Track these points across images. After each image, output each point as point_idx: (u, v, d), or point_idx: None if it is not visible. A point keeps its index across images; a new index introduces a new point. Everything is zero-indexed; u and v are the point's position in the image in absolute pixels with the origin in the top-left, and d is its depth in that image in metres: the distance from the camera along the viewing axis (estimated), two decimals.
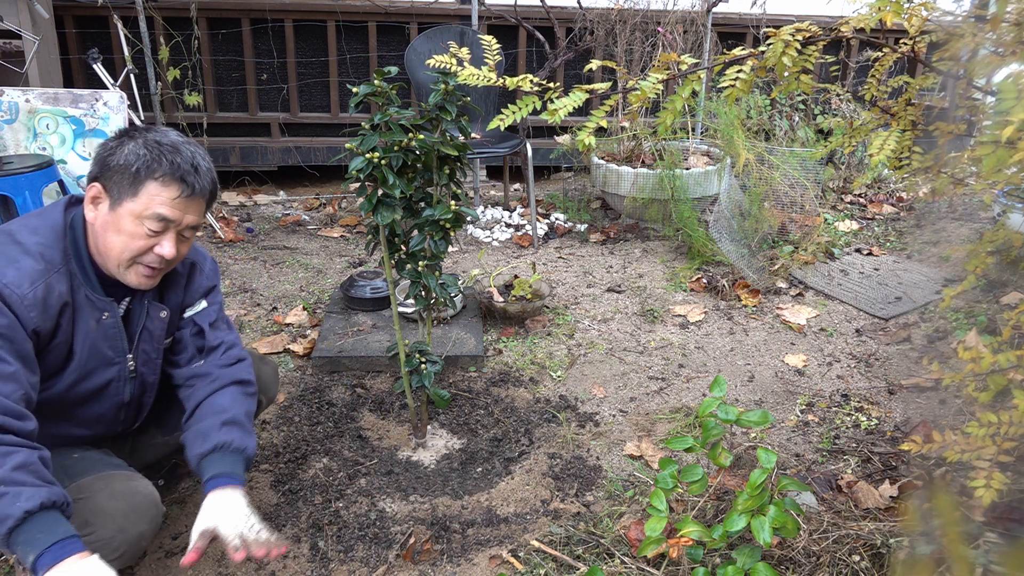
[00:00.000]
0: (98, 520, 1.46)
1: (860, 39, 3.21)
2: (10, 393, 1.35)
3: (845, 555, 1.70)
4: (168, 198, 1.46)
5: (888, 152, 1.53)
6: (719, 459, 1.72)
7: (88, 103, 3.30)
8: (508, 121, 1.54)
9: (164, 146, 1.47)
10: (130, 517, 1.49)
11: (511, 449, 2.21)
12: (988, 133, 1.25)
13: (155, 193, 1.46)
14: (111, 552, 1.45)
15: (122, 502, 1.50)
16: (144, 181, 1.45)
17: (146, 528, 1.52)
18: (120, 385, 1.63)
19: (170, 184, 1.46)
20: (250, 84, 4.50)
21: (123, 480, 1.55)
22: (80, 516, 1.45)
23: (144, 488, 1.56)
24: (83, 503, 1.47)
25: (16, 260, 1.43)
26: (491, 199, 4.62)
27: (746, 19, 4.77)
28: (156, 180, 1.45)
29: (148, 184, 1.45)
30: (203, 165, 1.52)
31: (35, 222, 1.51)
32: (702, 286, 3.31)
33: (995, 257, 1.93)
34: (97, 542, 1.44)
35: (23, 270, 1.42)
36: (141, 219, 1.46)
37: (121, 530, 1.47)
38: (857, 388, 2.58)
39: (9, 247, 1.45)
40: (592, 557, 1.79)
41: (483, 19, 4.47)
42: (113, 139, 1.50)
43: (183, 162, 1.47)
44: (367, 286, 2.92)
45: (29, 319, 1.41)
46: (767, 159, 3.70)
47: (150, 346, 1.66)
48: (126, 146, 1.47)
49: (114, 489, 1.52)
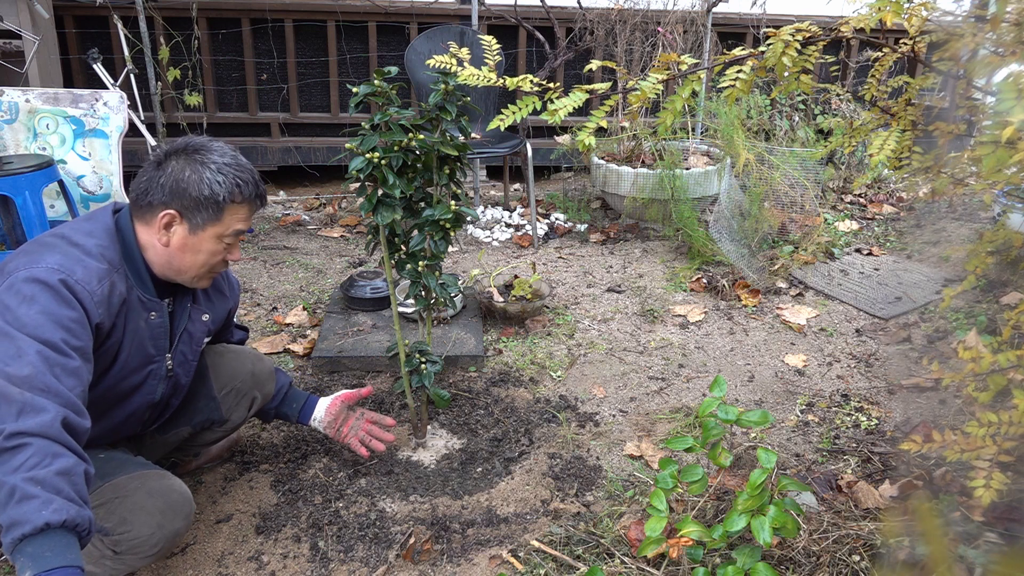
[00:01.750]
0: (136, 518, 1.51)
1: (860, 39, 3.21)
2: (72, 387, 1.34)
3: (845, 555, 1.71)
4: (245, 215, 1.60)
5: (888, 152, 1.53)
6: (719, 459, 1.72)
7: (88, 103, 3.30)
8: (508, 121, 1.54)
9: (233, 168, 1.56)
10: (167, 514, 1.54)
11: (511, 449, 2.21)
12: (988, 133, 1.25)
13: (235, 213, 1.58)
14: (149, 548, 1.51)
15: (160, 500, 1.55)
16: (226, 206, 1.55)
17: (181, 525, 1.57)
18: (155, 384, 1.66)
19: (248, 203, 1.59)
20: (250, 84, 4.50)
21: (157, 479, 1.60)
22: (118, 514, 1.50)
23: (179, 486, 1.61)
24: (120, 502, 1.52)
25: (82, 260, 1.47)
26: (491, 199, 4.62)
27: (746, 19, 4.77)
28: (237, 203, 1.57)
29: (230, 207, 1.56)
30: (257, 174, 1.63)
31: (88, 226, 1.55)
32: (702, 286, 3.31)
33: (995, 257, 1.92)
34: (136, 539, 1.50)
35: (90, 268, 1.46)
36: (222, 238, 1.58)
37: (160, 527, 1.52)
38: (857, 388, 2.58)
39: (70, 249, 1.48)
40: (592, 557, 1.79)
41: (483, 19, 4.47)
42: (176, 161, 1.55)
43: (251, 178, 1.59)
44: (367, 286, 2.92)
45: (96, 314, 1.45)
46: (767, 159, 3.71)
47: (188, 348, 1.73)
48: (202, 175, 1.53)
49: (151, 487, 1.56)
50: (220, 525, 1.90)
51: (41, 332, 1.33)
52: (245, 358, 1.95)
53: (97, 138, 3.31)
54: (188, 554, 1.81)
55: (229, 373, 1.91)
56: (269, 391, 1.99)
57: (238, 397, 1.92)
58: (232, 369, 1.92)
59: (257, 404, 1.97)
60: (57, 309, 1.37)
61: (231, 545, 1.84)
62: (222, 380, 1.90)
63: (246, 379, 1.93)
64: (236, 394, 1.92)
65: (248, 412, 1.96)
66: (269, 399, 2.00)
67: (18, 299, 1.36)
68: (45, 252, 1.45)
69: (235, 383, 1.91)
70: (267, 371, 1.99)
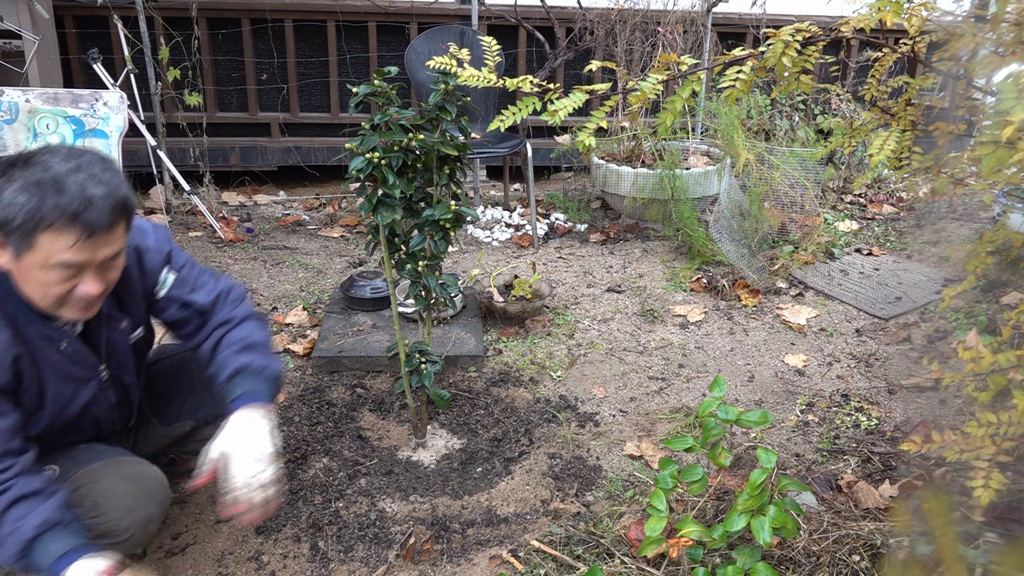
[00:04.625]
0: (108, 502, 1.47)
1: (860, 39, 3.21)
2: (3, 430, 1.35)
3: (845, 555, 1.71)
4: (66, 246, 1.28)
5: (888, 152, 1.53)
6: (719, 459, 1.72)
7: (88, 103, 3.30)
8: (508, 122, 1.54)
9: (45, 185, 1.26)
10: (140, 499, 1.50)
11: (511, 449, 2.21)
12: (988, 133, 1.25)
13: (51, 242, 1.27)
14: (120, 534, 1.46)
15: (132, 484, 1.51)
16: (34, 234, 1.26)
17: (155, 511, 1.52)
18: (102, 394, 1.61)
19: (64, 231, 1.27)
20: (250, 84, 4.49)
21: (132, 464, 1.57)
22: (90, 499, 1.46)
23: (153, 472, 1.57)
24: (92, 486, 1.48)
25: None
26: (491, 199, 4.62)
27: (746, 19, 4.77)
28: (47, 231, 1.26)
29: (40, 237, 1.27)
30: (97, 193, 1.29)
31: None
32: (702, 286, 3.31)
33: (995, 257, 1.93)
34: (107, 523, 1.45)
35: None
36: (47, 268, 1.30)
37: (131, 511, 1.48)
38: (857, 388, 2.58)
39: None
40: (592, 557, 1.79)
41: (483, 19, 4.47)
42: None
43: (71, 201, 1.26)
44: (367, 286, 2.92)
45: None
46: (767, 159, 3.70)
47: (119, 354, 1.62)
48: (4, 191, 1.27)
49: (124, 472, 1.53)
50: (220, 525, 1.90)
51: None
52: None
53: (97, 138, 3.31)
54: (188, 554, 1.81)
55: None
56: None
57: None
58: None
59: None
60: None
61: (231, 545, 1.84)
62: None
63: None
64: None
65: None
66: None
67: None
68: None
69: None
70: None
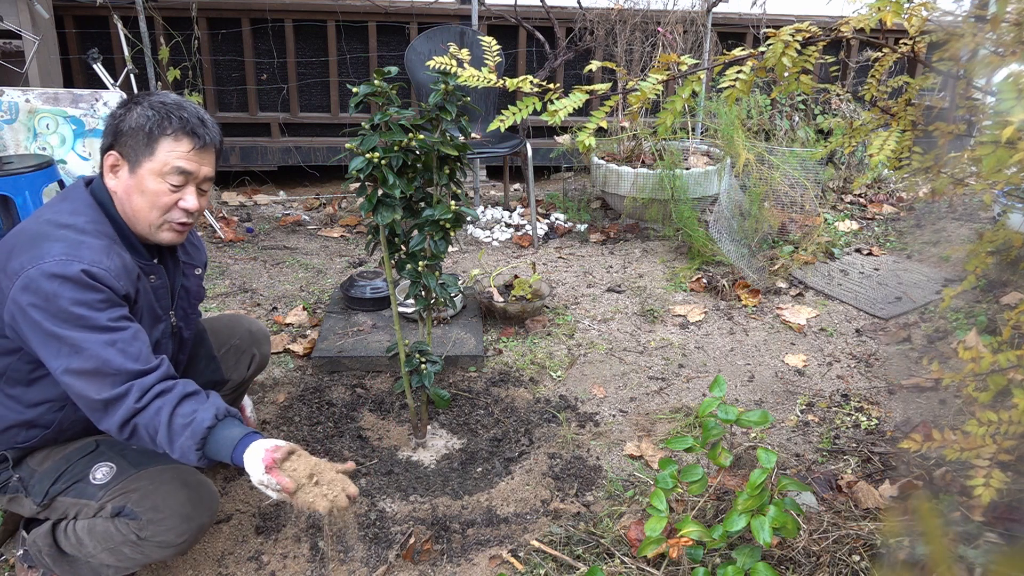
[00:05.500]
0: (169, 507, 1.52)
1: (860, 39, 3.21)
2: (138, 354, 1.43)
3: (845, 555, 1.71)
4: (183, 151, 1.53)
5: (888, 152, 1.53)
6: (719, 459, 1.72)
7: (88, 103, 3.30)
8: (508, 122, 1.54)
9: (169, 105, 1.54)
10: (198, 507, 1.56)
11: (511, 449, 2.21)
12: (988, 133, 1.25)
13: (170, 148, 1.52)
14: (176, 537, 1.52)
15: (193, 492, 1.57)
16: (158, 139, 1.51)
17: (207, 520, 1.58)
18: (166, 342, 1.68)
19: (182, 138, 1.53)
20: (250, 84, 4.50)
21: (191, 472, 1.61)
22: (151, 500, 1.51)
23: (207, 480, 1.63)
24: (155, 488, 1.54)
25: (80, 241, 1.44)
26: (491, 199, 4.62)
27: (746, 19, 4.77)
28: (169, 136, 1.52)
29: (162, 141, 1.51)
30: (208, 118, 1.60)
31: (68, 206, 1.53)
32: (702, 286, 3.31)
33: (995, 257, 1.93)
34: (166, 528, 1.51)
35: (94, 247, 1.45)
36: (162, 176, 1.52)
37: (188, 519, 1.53)
38: (857, 388, 2.58)
39: (62, 232, 1.46)
40: (592, 557, 1.79)
41: (483, 19, 4.47)
42: (119, 107, 1.56)
43: (190, 116, 1.54)
44: (367, 286, 2.92)
45: (120, 287, 1.46)
46: (767, 159, 3.71)
47: (187, 303, 1.75)
48: (133, 111, 1.52)
49: (186, 479, 1.58)
50: (220, 525, 1.90)
51: (84, 322, 1.38)
52: (241, 318, 2.05)
53: (97, 138, 3.31)
54: (188, 554, 1.81)
55: (227, 332, 1.98)
56: (266, 351, 2.06)
57: (237, 355, 1.99)
58: (229, 328, 2.00)
59: (256, 363, 2.03)
60: (85, 296, 1.39)
61: (231, 545, 1.84)
62: (220, 339, 1.97)
63: (244, 336, 2.00)
64: (235, 352, 1.98)
65: (247, 371, 2.02)
66: (266, 361, 2.06)
67: (44, 299, 1.37)
68: (43, 243, 1.42)
69: (233, 340, 1.98)
70: (264, 331, 2.06)
